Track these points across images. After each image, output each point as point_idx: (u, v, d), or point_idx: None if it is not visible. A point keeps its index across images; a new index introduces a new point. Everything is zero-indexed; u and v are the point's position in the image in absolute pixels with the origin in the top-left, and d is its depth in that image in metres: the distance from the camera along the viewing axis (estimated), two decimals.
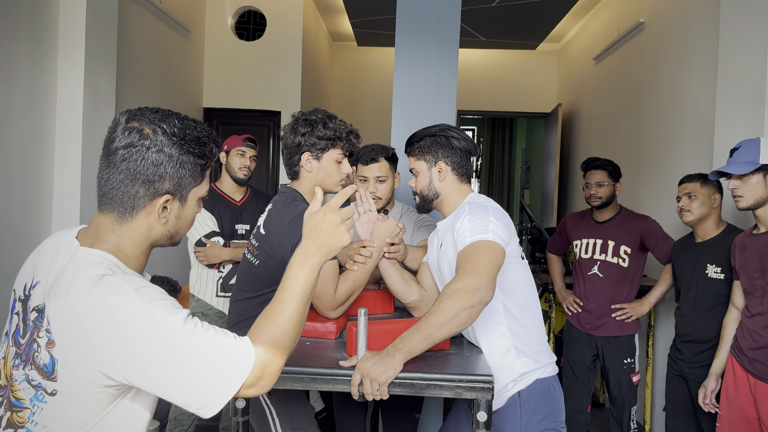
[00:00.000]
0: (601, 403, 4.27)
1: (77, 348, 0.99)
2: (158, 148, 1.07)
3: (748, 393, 2.26)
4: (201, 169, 1.13)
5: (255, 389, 1.06)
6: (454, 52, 2.97)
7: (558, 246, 3.47)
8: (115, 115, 1.13)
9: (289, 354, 1.12)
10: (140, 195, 1.07)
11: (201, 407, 1.02)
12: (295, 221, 1.85)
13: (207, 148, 1.13)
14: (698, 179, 2.68)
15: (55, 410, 1.03)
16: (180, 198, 1.11)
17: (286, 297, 1.13)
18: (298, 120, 1.98)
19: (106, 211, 1.09)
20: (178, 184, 1.10)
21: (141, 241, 1.11)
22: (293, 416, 1.93)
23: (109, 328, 0.97)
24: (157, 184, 1.08)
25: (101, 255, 1.05)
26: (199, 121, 1.14)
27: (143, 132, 1.07)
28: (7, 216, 2.81)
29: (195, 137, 1.11)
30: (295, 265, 1.17)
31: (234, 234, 3.02)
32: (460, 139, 1.89)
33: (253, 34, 5.64)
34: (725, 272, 2.57)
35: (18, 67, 2.85)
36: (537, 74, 7.13)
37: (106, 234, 1.09)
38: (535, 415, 1.74)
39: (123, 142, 1.06)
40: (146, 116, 1.09)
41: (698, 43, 3.40)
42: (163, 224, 1.11)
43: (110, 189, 1.07)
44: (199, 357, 1.00)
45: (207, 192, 1.17)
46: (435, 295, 1.95)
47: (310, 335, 1.86)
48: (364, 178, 2.41)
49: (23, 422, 1.03)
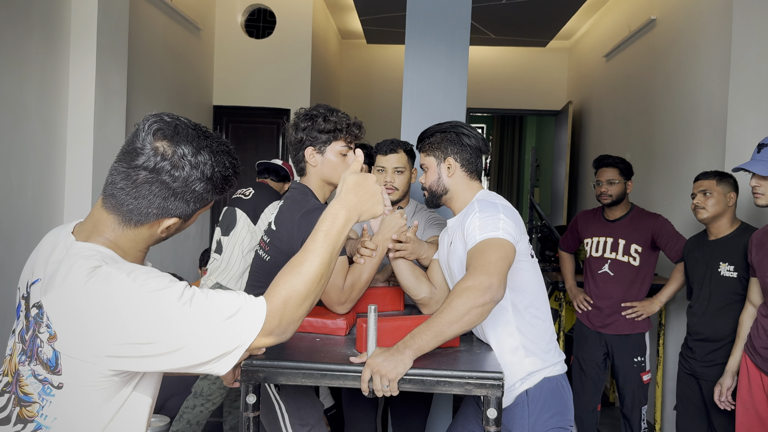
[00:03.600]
0: (611, 402, 4.25)
1: (79, 339, 0.99)
2: (185, 183, 1.06)
3: (761, 392, 2.24)
4: (213, 199, 1.14)
5: (273, 338, 1.06)
6: (465, 49, 2.96)
7: (569, 244, 3.46)
8: (125, 111, 1.14)
9: (311, 306, 1.11)
10: (152, 214, 1.08)
11: (217, 357, 1.02)
12: (305, 216, 1.85)
13: (229, 183, 1.13)
14: (714, 177, 2.65)
15: (63, 402, 1.04)
16: (185, 219, 1.13)
17: (314, 248, 1.12)
18: (299, 116, 1.99)
19: (110, 212, 1.08)
20: (192, 212, 1.11)
21: (140, 243, 1.12)
22: (302, 412, 1.93)
23: (109, 315, 0.97)
24: (171, 210, 1.08)
25: (95, 248, 1.06)
26: (230, 152, 1.13)
27: (174, 163, 1.05)
28: (20, 211, 2.83)
29: (222, 177, 1.11)
30: (328, 218, 1.16)
31: None
32: (470, 136, 1.89)
33: (262, 32, 5.65)
34: (738, 270, 2.55)
35: (30, 65, 2.87)
36: (547, 72, 7.10)
37: (104, 230, 1.08)
38: (543, 414, 1.73)
39: (150, 164, 1.04)
40: (181, 143, 1.06)
41: (710, 40, 3.37)
42: (164, 236, 1.13)
43: (124, 198, 1.06)
44: (204, 315, 1.00)
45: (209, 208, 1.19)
46: (445, 293, 1.95)
47: (320, 331, 1.86)
48: (382, 169, 2.42)
49: (33, 416, 1.04)
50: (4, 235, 2.74)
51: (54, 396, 1.03)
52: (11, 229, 2.78)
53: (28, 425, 1.05)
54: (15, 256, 2.81)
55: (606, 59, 5.45)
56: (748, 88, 3.02)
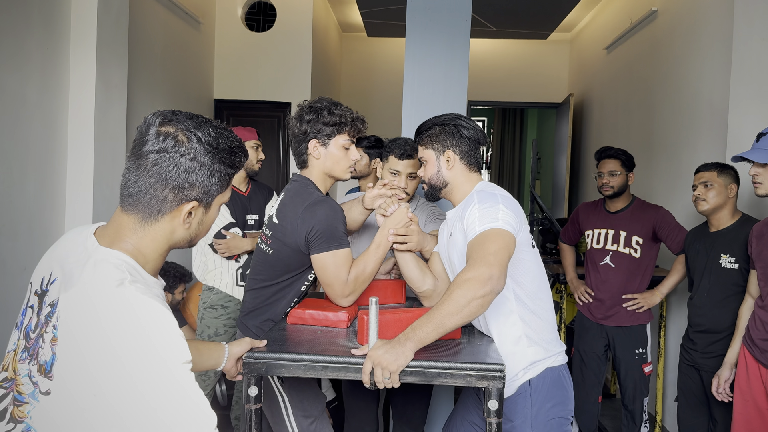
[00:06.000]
0: (612, 394, 4.26)
1: (85, 344, 0.96)
2: (192, 155, 1.08)
3: (759, 383, 2.25)
4: (228, 178, 1.15)
5: None
6: (465, 42, 2.95)
7: (570, 236, 3.46)
8: (126, 105, 1.14)
9: None
10: (168, 200, 1.08)
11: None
12: (309, 209, 1.86)
13: (237, 158, 1.15)
14: (715, 168, 2.65)
15: (45, 411, 1.00)
16: (205, 204, 1.13)
17: None
18: (303, 108, 1.99)
19: (130, 212, 1.09)
20: (207, 191, 1.11)
21: (161, 244, 1.11)
22: (306, 404, 1.94)
23: (127, 326, 0.96)
24: (186, 190, 1.09)
25: (120, 257, 1.05)
26: (230, 130, 1.16)
27: (178, 138, 1.07)
28: (22, 206, 2.84)
29: (227, 147, 1.12)
30: None
31: (245, 224, 3.05)
32: (469, 128, 1.89)
33: (263, 25, 5.64)
34: (739, 262, 2.55)
35: (30, 59, 2.87)
36: (548, 64, 7.08)
37: (127, 234, 1.09)
38: (546, 403, 1.74)
39: (156, 146, 1.07)
40: (181, 122, 1.09)
41: (712, 31, 3.36)
42: (186, 228, 1.13)
43: (138, 191, 1.07)
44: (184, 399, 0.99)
45: (229, 198, 1.19)
46: (446, 285, 1.95)
47: (322, 324, 1.87)
48: (396, 172, 2.38)
49: (23, 417, 1.02)
50: (6, 230, 2.75)
51: (38, 402, 1.00)
52: (13, 224, 2.79)
53: (18, 425, 1.02)
54: (17, 251, 2.81)
55: (607, 51, 5.43)
56: (750, 79, 3.02)
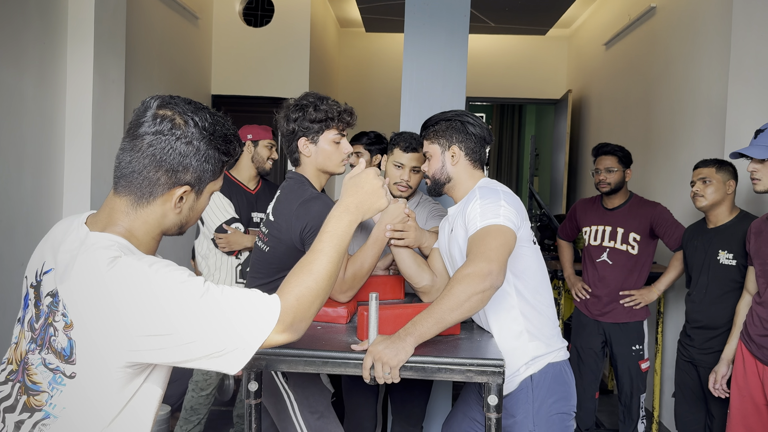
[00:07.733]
0: (609, 390, 4.27)
1: (98, 328, 1.00)
2: (188, 139, 1.09)
3: (756, 379, 2.25)
4: (222, 165, 1.16)
5: (286, 335, 1.08)
6: (464, 37, 2.94)
7: (568, 232, 3.46)
8: (123, 99, 1.15)
9: (321, 304, 1.15)
10: (161, 182, 1.09)
11: (228, 351, 1.02)
12: (303, 205, 1.85)
13: (232, 146, 1.16)
14: (714, 164, 2.66)
15: (75, 392, 1.04)
16: (197, 191, 1.14)
17: (322, 248, 1.17)
18: (289, 107, 1.98)
19: (122, 194, 1.10)
20: (199, 177, 1.12)
21: (153, 227, 1.12)
22: (311, 400, 1.93)
23: (130, 305, 0.98)
24: (179, 174, 1.09)
25: (112, 238, 1.06)
26: (227, 119, 1.17)
27: (175, 122, 1.08)
28: (19, 202, 2.83)
29: (223, 134, 1.13)
30: (332, 219, 1.22)
31: (250, 222, 3.03)
32: (475, 125, 1.89)
33: (261, 20, 5.62)
34: (737, 258, 2.56)
35: (28, 54, 2.85)
36: (547, 60, 7.07)
37: (119, 217, 1.10)
38: (548, 399, 1.75)
39: (152, 128, 1.07)
40: (179, 106, 1.10)
41: (710, 28, 3.36)
42: (176, 213, 1.13)
43: (131, 172, 1.08)
44: (222, 309, 1.02)
45: (220, 187, 1.20)
46: (445, 281, 1.95)
47: (321, 320, 1.87)
48: (400, 165, 2.38)
49: (41, 405, 1.04)
50: (3, 225, 2.74)
51: (65, 385, 1.04)
52: (10, 219, 2.78)
53: (35, 414, 1.05)
54: (14, 246, 2.81)
55: (606, 47, 5.43)
56: (748, 76, 3.02)
